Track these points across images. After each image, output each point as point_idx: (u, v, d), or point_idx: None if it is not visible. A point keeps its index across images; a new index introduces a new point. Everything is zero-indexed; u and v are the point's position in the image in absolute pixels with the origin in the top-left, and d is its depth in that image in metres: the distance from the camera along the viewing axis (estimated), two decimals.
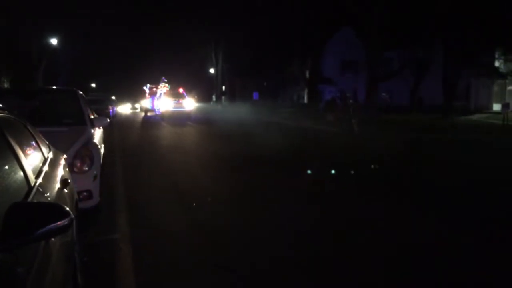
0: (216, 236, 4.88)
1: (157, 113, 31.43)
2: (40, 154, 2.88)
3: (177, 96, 29.67)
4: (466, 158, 11.71)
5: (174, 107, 28.24)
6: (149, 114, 36.36)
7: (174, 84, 36.74)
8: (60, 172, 3.13)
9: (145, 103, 39.86)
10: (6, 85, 29.09)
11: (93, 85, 64.91)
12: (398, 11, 30.74)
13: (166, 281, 3.82)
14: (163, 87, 34.53)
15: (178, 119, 27.26)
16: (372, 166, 9.86)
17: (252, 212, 5.97)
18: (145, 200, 6.56)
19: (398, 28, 31.94)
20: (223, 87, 59.09)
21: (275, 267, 4.04)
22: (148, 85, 39.00)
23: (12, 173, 2.02)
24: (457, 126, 22.73)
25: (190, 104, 29.51)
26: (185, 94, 30.83)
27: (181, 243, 4.69)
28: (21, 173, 2.12)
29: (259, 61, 50.05)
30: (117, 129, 20.83)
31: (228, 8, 42.67)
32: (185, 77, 31.77)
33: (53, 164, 3.07)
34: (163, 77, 36.83)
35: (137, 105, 64.20)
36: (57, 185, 2.78)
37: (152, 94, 35.60)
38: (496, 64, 34.93)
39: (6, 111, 2.46)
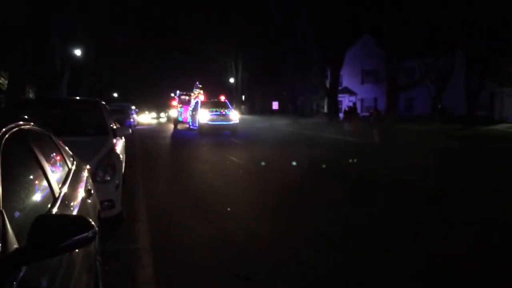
0: (234, 246, 4.87)
1: (192, 126, 25.29)
2: (64, 164, 2.92)
3: (219, 106, 23.98)
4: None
5: (216, 120, 22.49)
6: (179, 127, 30.35)
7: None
8: (84, 182, 3.17)
9: (173, 113, 33.67)
10: (31, 95, 29.73)
11: (115, 94, 65.84)
12: (418, 20, 30.53)
13: None
14: (198, 94, 29.09)
15: (219, 135, 22.27)
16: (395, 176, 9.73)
17: None
18: None
19: (419, 37, 31.70)
20: (243, 97, 59.31)
21: None
22: (177, 92, 32.41)
23: (38, 184, 2.05)
24: (480, 136, 22.29)
25: (235, 116, 23.34)
26: (228, 103, 25.41)
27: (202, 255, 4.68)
28: (46, 184, 2.15)
29: (278, 71, 50.21)
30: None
31: (248, 18, 42.96)
32: (204, 86, 29.84)
33: (77, 174, 3.11)
34: (197, 82, 30.75)
35: (162, 114, 63.83)
36: (81, 196, 2.82)
37: (184, 103, 29.86)
38: None
39: (31, 122, 2.51)
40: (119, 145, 6.98)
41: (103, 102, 7.67)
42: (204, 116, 22.59)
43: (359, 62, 45.07)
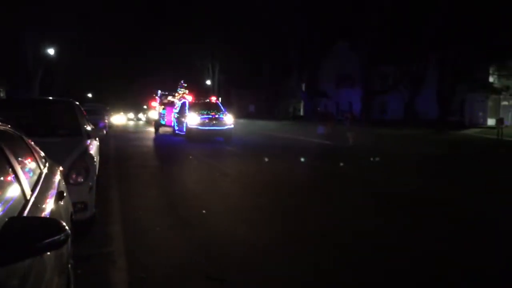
0: (209, 248, 4.87)
1: (177, 131, 22.32)
2: (36, 166, 2.88)
3: (210, 108, 20.94)
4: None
5: (208, 125, 19.50)
6: (161, 130, 27.14)
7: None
8: (56, 184, 3.13)
9: (153, 114, 31.48)
10: (1, 94, 29.05)
11: (89, 95, 64.84)
12: (393, 25, 31.14)
13: None
14: (183, 95, 26.63)
15: (211, 142, 19.48)
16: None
17: None
18: None
19: (393, 43, 32.34)
20: (219, 99, 59.17)
21: None
22: (159, 92, 28.99)
23: (9, 187, 2.02)
24: (448, 140, 22.84)
25: (230, 120, 20.22)
26: (220, 105, 22.30)
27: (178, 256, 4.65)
28: (18, 187, 2.12)
29: (255, 73, 50.37)
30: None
31: (226, 20, 42.98)
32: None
33: (49, 176, 3.07)
34: (182, 81, 28.30)
35: (141, 116, 62.51)
36: (53, 198, 2.78)
37: (167, 104, 26.75)
38: (491, 79, 35.28)
39: (3, 123, 2.47)
40: (93, 146, 6.89)
41: (77, 103, 7.57)
42: (193, 120, 19.57)
43: (335, 66, 45.57)
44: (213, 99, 23.88)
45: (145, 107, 68.00)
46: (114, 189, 8.33)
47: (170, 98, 27.93)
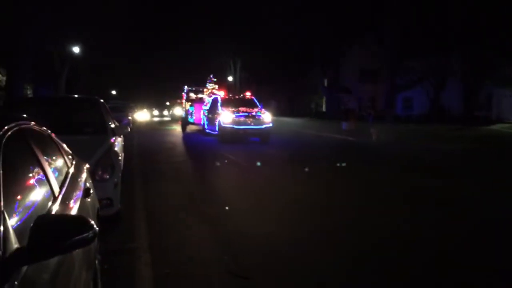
0: (229, 244, 4.89)
1: (208, 130, 20.34)
2: (64, 164, 2.93)
3: (245, 104, 19.00)
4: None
5: (244, 123, 17.52)
6: (188, 129, 25.36)
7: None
8: (83, 181, 3.18)
9: (178, 111, 29.79)
10: (29, 92, 29.70)
11: (114, 92, 65.70)
12: (419, 20, 30.63)
13: None
14: (212, 90, 24.18)
15: (247, 143, 17.75)
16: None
17: None
18: None
19: (419, 37, 31.80)
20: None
21: None
22: (186, 88, 26.62)
23: (38, 184, 2.06)
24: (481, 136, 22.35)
25: (268, 118, 18.05)
26: (256, 101, 20.09)
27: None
28: (47, 184, 2.16)
29: (277, 69, 50.15)
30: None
31: (248, 16, 42.90)
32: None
33: (76, 173, 3.12)
34: (211, 75, 25.74)
35: (166, 113, 62.46)
36: (80, 195, 2.83)
37: (195, 101, 24.62)
38: None
39: (31, 122, 2.51)
40: (118, 143, 6.99)
41: (102, 100, 7.68)
42: (228, 118, 17.55)
43: (359, 61, 45.02)
44: (248, 94, 21.44)
45: (168, 103, 68.52)
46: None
47: (198, 94, 25.77)
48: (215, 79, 25.38)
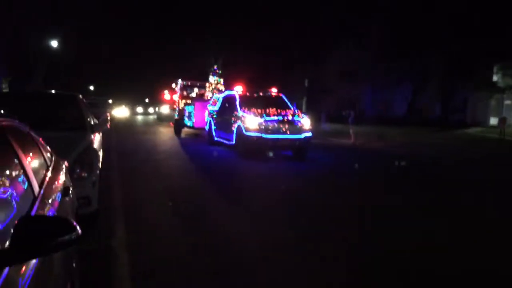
0: (203, 235, 4.87)
1: (218, 138, 15.58)
2: (43, 162, 2.88)
3: (273, 104, 13.92)
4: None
5: (277, 132, 12.75)
6: (183, 134, 21.02)
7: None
8: (62, 179, 3.13)
9: (165, 109, 26.98)
10: (4, 86, 29.02)
11: (91, 87, 64.63)
12: (398, 23, 31.07)
13: None
14: (217, 86, 20.49)
15: (277, 158, 13.46)
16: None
17: None
18: None
19: (398, 40, 32.27)
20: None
21: None
22: (180, 82, 21.49)
23: (19, 183, 2.03)
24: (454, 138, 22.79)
25: (307, 124, 13.22)
26: (287, 100, 14.96)
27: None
28: (27, 183, 2.13)
29: (259, 70, 50.06)
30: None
31: (230, 18, 42.73)
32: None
33: (56, 171, 3.07)
34: (215, 67, 21.93)
35: (151, 110, 60.26)
36: (60, 194, 2.79)
37: (195, 99, 20.60)
38: (494, 78, 35.16)
39: (10, 119, 2.46)
40: (97, 140, 6.88)
41: (81, 96, 7.55)
42: (254, 124, 12.78)
43: (339, 62, 45.32)
44: (274, 91, 16.04)
45: (147, 100, 67.44)
46: None
47: (197, 89, 21.77)
48: (220, 71, 21.22)
